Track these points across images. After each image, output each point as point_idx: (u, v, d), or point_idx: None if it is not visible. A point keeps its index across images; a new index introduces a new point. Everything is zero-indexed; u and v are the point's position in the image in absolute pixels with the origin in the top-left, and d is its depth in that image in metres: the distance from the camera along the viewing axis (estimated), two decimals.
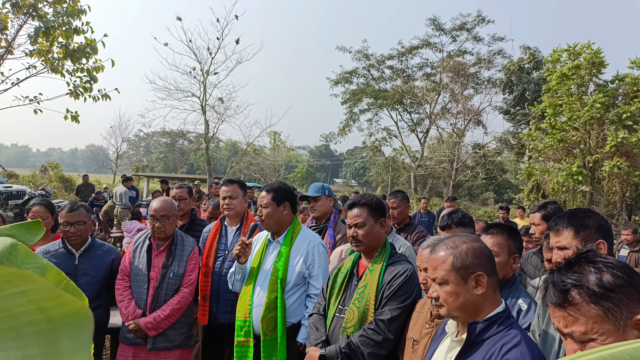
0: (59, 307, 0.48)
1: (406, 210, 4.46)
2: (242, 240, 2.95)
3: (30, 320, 0.47)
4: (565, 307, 1.17)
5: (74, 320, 0.48)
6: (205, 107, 18.38)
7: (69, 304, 0.48)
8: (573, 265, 1.21)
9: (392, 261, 2.51)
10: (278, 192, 3.03)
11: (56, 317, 0.47)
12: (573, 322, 1.15)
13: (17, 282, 0.46)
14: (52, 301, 0.48)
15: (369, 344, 2.28)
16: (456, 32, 30.27)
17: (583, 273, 1.18)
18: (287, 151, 38.03)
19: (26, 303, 0.47)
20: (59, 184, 24.74)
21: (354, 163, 70.22)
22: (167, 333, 3.13)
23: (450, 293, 1.56)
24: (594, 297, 1.13)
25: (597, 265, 1.17)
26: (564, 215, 1.90)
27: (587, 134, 15.97)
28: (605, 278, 1.15)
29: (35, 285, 0.47)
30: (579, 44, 16.34)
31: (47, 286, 0.47)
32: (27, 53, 7.43)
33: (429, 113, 30.76)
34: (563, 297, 1.18)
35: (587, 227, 1.81)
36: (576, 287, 1.16)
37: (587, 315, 1.13)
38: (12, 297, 0.46)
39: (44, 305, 0.47)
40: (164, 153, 65.12)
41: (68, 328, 0.48)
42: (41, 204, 3.52)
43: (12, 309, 0.47)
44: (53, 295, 0.48)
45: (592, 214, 1.90)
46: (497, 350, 1.43)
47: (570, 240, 1.82)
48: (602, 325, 1.11)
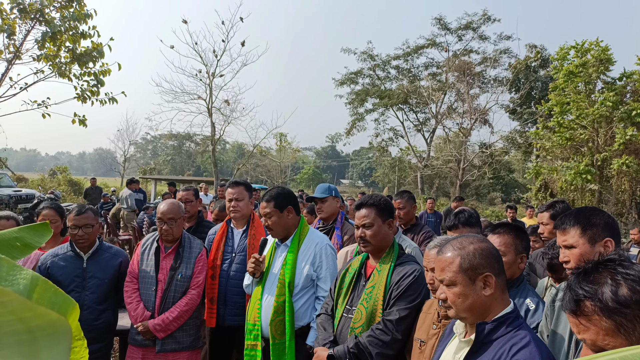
0: (37, 318, 0.49)
1: (412, 210, 4.44)
2: (255, 257, 2.93)
3: (12, 330, 0.48)
4: (577, 316, 1.16)
5: (53, 332, 0.49)
6: (212, 110, 18.45)
7: (46, 315, 0.49)
8: (591, 273, 1.17)
9: (400, 262, 2.50)
10: (278, 198, 3.01)
11: (36, 327, 0.48)
12: (585, 331, 1.14)
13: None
14: (29, 312, 0.48)
15: (377, 344, 2.28)
16: (462, 31, 30.16)
17: (600, 283, 1.13)
18: (293, 152, 38.07)
19: (6, 313, 0.47)
20: (67, 188, 24.93)
21: (360, 164, 70.13)
22: (176, 335, 3.14)
23: (458, 294, 1.54)
24: (606, 312, 1.09)
25: (615, 276, 1.13)
26: (571, 214, 1.89)
27: (596, 132, 15.84)
28: (621, 292, 1.10)
29: (9, 297, 0.48)
30: (587, 41, 16.22)
31: (19, 299, 0.48)
32: (34, 58, 7.51)
33: (435, 113, 30.66)
34: (576, 306, 1.16)
35: (594, 226, 1.79)
36: (589, 298, 1.13)
37: (598, 327, 1.11)
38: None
39: (23, 315, 0.48)
40: (170, 155, 65.42)
41: (48, 339, 0.49)
42: (51, 207, 3.55)
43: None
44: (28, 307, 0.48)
45: (598, 212, 1.88)
46: (507, 351, 1.42)
47: (577, 238, 1.80)
48: (614, 339, 1.08)
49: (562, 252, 1.87)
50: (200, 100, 18.57)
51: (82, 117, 7.87)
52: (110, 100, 7.90)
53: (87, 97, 7.73)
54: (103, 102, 7.88)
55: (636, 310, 1.07)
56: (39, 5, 7.21)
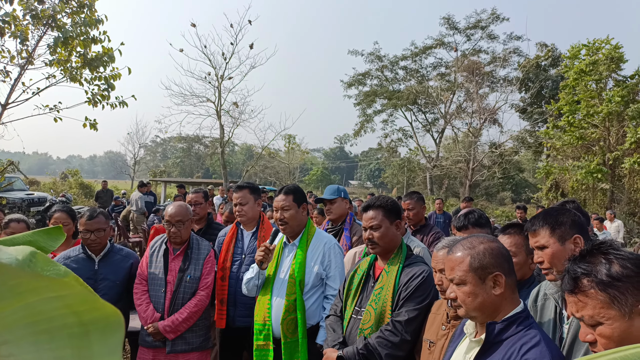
0: (92, 312, 0.49)
1: (422, 211, 4.43)
2: (265, 245, 2.93)
3: (64, 324, 0.48)
4: (576, 294, 1.27)
5: (106, 325, 0.50)
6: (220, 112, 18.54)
7: (102, 308, 0.49)
8: (587, 256, 1.30)
9: (408, 263, 2.50)
10: (297, 193, 3.05)
11: (89, 321, 0.49)
12: (583, 307, 1.25)
13: (54, 288, 0.48)
14: (85, 305, 0.49)
15: (386, 345, 2.28)
16: (470, 31, 30.00)
17: (595, 263, 1.26)
18: (301, 154, 38.10)
19: (61, 307, 0.48)
20: (78, 191, 25.20)
21: (369, 165, 69.98)
22: (186, 336, 3.16)
23: (468, 293, 1.55)
24: (601, 285, 1.22)
25: (608, 256, 1.26)
26: (539, 216, 1.94)
27: (607, 131, 15.67)
28: (614, 268, 1.23)
29: (71, 291, 0.48)
30: (598, 40, 16.06)
31: (83, 292, 0.49)
32: (46, 63, 7.60)
33: (444, 113, 30.52)
34: (574, 284, 1.28)
35: (562, 224, 1.84)
36: (586, 275, 1.26)
37: (594, 301, 1.23)
38: (49, 301, 0.48)
39: (78, 309, 0.49)
40: (180, 158, 65.81)
41: (100, 332, 0.49)
42: (62, 210, 3.60)
43: (47, 312, 0.48)
44: (87, 300, 0.49)
45: (565, 211, 1.92)
46: (517, 351, 1.42)
47: (548, 238, 1.84)
48: (608, 311, 1.20)
49: (536, 253, 1.91)
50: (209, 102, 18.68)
51: (93, 120, 7.95)
52: (120, 104, 7.98)
53: (98, 101, 7.81)
54: (113, 105, 7.95)
55: (627, 283, 1.20)
56: (51, 11, 7.31)
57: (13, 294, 0.46)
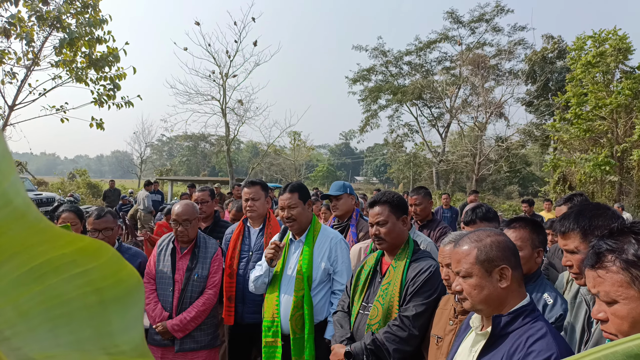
0: (116, 286, 0.47)
1: (429, 206, 4.42)
2: (275, 242, 2.95)
3: (84, 304, 0.46)
4: (596, 269, 1.23)
5: (128, 299, 0.48)
6: (226, 110, 18.59)
7: (127, 279, 0.47)
8: (616, 234, 1.25)
9: (415, 258, 2.50)
10: (301, 190, 3.08)
11: (110, 297, 0.47)
12: (601, 283, 1.21)
13: (81, 261, 0.45)
14: (110, 279, 0.47)
15: (394, 340, 2.28)
16: (475, 24, 29.78)
17: (623, 242, 1.21)
18: (307, 151, 38.13)
19: (83, 285, 0.46)
20: (86, 190, 25.39)
21: (374, 160, 69.89)
22: (194, 334, 3.18)
23: (474, 286, 1.55)
24: (624, 263, 1.17)
25: (639, 236, 1.20)
26: (571, 215, 1.77)
27: (614, 123, 15.52)
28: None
29: (100, 261, 0.46)
30: (605, 30, 15.89)
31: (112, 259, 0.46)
32: (52, 64, 7.66)
33: (449, 107, 30.37)
34: (597, 258, 1.23)
35: (597, 228, 1.66)
36: (611, 252, 1.21)
37: (613, 278, 1.18)
38: (71, 279, 0.45)
39: (101, 285, 0.46)
40: (186, 156, 66.09)
41: (121, 307, 0.48)
42: (70, 210, 3.62)
43: (67, 293, 0.46)
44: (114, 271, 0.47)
45: (602, 211, 1.74)
46: (523, 343, 1.42)
47: (578, 243, 1.70)
48: (627, 291, 1.16)
49: (565, 255, 1.79)
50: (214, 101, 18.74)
51: (100, 120, 8.01)
52: (126, 104, 8.03)
53: (104, 101, 7.87)
54: (119, 105, 8.00)
55: None
56: (56, 12, 7.35)
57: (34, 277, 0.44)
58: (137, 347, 0.49)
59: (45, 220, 0.43)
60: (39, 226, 0.42)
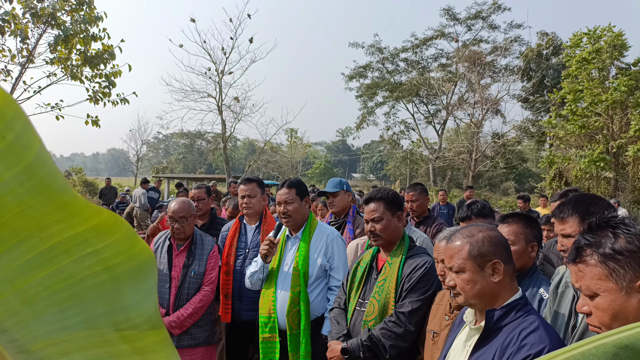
0: (127, 262, 0.46)
1: (425, 202, 4.44)
2: (269, 238, 2.95)
3: (95, 283, 0.46)
4: (577, 263, 1.27)
5: (139, 273, 0.48)
6: (222, 107, 18.56)
7: (139, 255, 0.47)
8: (595, 228, 1.29)
9: (411, 254, 2.51)
10: (299, 187, 3.09)
11: (122, 273, 0.47)
12: (582, 277, 1.25)
13: (93, 240, 0.45)
14: (122, 255, 0.46)
15: (390, 337, 2.30)
16: (471, 21, 29.82)
17: (601, 236, 1.25)
18: (304, 148, 38.12)
19: (94, 264, 0.45)
20: (82, 189, 25.31)
21: (371, 157, 69.93)
22: (191, 331, 3.19)
23: (467, 281, 1.56)
24: (601, 257, 1.22)
25: (616, 230, 1.24)
26: (569, 202, 1.87)
27: (610, 119, 15.59)
28: (619, 242, 1.22)
29: (113, 238, 0.45)
30: (600, 27, 15.93)
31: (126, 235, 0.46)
32: (47, 61, 7.62)
33: (445, 104, 30.42)
34: (577, 253, 1.28)
35: (593, 214, 1.78)
36: (589, 246, 1.25)
37: (592, 272, 1.22)
38: (81, 260, 0.45)
39: (112, 262, 0.46)
40: (182, 154, 65.94)
41: (133, 281, 0.47)
42: None
43: (76, 274, 0.45)
44: (126, 247, 0.46)
45: (598, 201, 1.86)
46: (516, 336, 1.44)
47: (576, 227, 1.80)
48: (606, 284, 1.20)
49: (560, 240, 1.88)
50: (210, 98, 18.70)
51: (95, 118, 7.98)
52: (122, 101, 7.99)
53: (99, 99, 7.83)
54: (115, 103, 7.97)
55: (628, 258, 1.19)
56: (51, 9, 7.31)
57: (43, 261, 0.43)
58: (150, 319, 0.49)
59: (70, 191, 0.42)
60: (63, 199, 0.42)
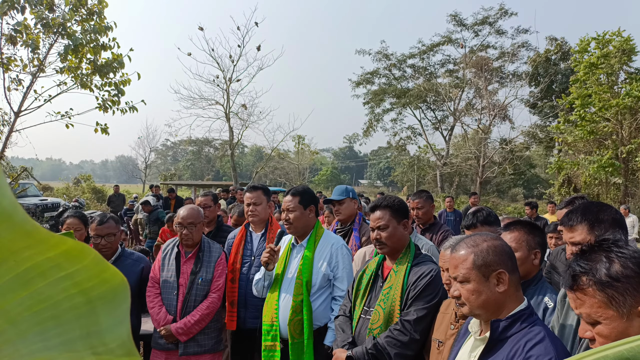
0: (101, 286, 0.48)
1: (431, 210, 4.42)
2: (270, 247, 2.97)
3: (71, 305, 0.47)
4: (574, 291, 1.25)
5: (114, 297, 0.49)
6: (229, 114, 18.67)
7: (111, 279, 0.49)
8: (588, 253, 1.27)
9: (416, 262, 2.50)
10: (304, 195, 3.08)
11: (96, 297, 0.48)
12: (581, 305, 1.23)
13: (65, 265, 0.47)
14: (95, 279, 0.48)
15: (395, 345, 2.29)
16: (478, 27, 29.80)
17: (595, 261, 1.23)
18: (311, 154, 38.15)
19: (69, 287, 0.47)
20: (91, 195, 25.51)
21: (378, 163, 69.80)
22: (198, 338, 3.20)
23: (471, 291, 1.55)
24: (599, 285, 1.20)
25: (610, 254, 1.22)
26: (577, 210, 1.86)
27: (619, 124, 15.46)
28: (614, 268, 1.20)
29: (83, 263, 0.47)
30: (608, 32, 15.85)
31: (95, 260, 0.47)
32: (57, 70, 7.72)
33: (453, 110, 30.34)
34: (573, 281, 1.26)
35: (602, 222, 1.76)
36: (585, 274, 1.23)
37: (592, 300, 1.20)
38: (57, 283, 0.46)
39: (86, 286, 0.48)
40: (190, 161, 66.26)
41: (108, 305, 0.49)
42: (74, 216, 3.66)
43: (54, 296, 0.47)
44: (98, 272, 0.48)
45: (606, 208, 1.85)
46: (521, 347, 1.42)
47: (585, 235, 1.78)
48: (606, 311, 1.18)
49: (569, 248, 1.85)
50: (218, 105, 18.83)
51: (104, 125, 8.06)
52: (130, 109, 8.07)
53: (109, 107, 7.91)
54: (124, 111, 8.05)
55: (626, 284, 1.17)
56: (61, 19, 7.42)
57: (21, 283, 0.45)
58: (124, 344, 0.50)
59: (30, 221, 0.44)
60: (25, 228, 0.43)
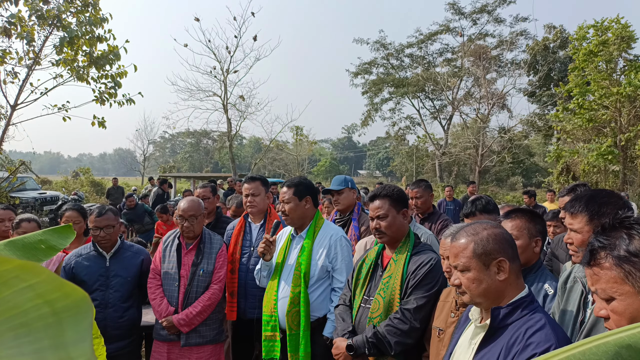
0: (64, 299, 0.50)
1: (430, 199, 4.42)
2: (265, 238, 2.99)
3: (39, 315, 0.49)
4: (591, 266, 1.24)
5: (77, 311, 0.51)
6: (227, 106, 18.60)
7: (73, 293, 0.50)
8: (609, 229, 1.25)
9: (416, 251, 2.51)
10: (299, 186, 3.07)
11: (61, 309, 0.50)
12: (597, 280, 1.22)
13: (24, 277, 0.48)
14: (57, 292, 0.50)
15: (395, 333, 2.30)
16: (476, 15, 29.63)
17: (615, 237, 1.22)
18: (309, 145, 38.09)
19: (34, 297, 0.49)
20: (90, 188, 25.48)
21: (377, 154, 69.77)
22: (199, 329, 3.21)
23: (472, 280, 1.55)
24: (616, 260, 1.18)
25: (631, 231, 1.21)
26: (582, 198, 1.84)
27: (618, 112, 15.43)
28: (634, 244, 1.18)
29: (40, 277, 0.49)
30: (607, 19, 15.76)
31: (51, 276, 0.50)
32: (53, 63, 7.67)
33: (451, 99, 30.27)
34: (591, 256, 1.24)
35: (604, 215, 1.73)
36: (603, 249, 1.22)
37: (608, 275, 1.19)
38: (22, 292, 0.48)
39: (50, 297, 0.49)
40: (189, 153, 66.15)
41: (72, 319, 0.50)
42: (73, 208, 3.65)
43: (22, 305, 0.48)
44: (57, 286, 0.50)
45: (612, 200, 1.81)
46: (522, 334, 1.43)
47: (583, 225, 1.78)
48: (622, 287, 1.16)
49: (568, 232, 1.86)
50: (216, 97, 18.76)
51: (102, 118, 8.03)
52: (127, 102, 8.04)
53: (105, 99, 7.87)
54: (121, 103, 8.02)
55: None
56: (56, 11, 7.35)
57: None
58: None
59: None
60: None
